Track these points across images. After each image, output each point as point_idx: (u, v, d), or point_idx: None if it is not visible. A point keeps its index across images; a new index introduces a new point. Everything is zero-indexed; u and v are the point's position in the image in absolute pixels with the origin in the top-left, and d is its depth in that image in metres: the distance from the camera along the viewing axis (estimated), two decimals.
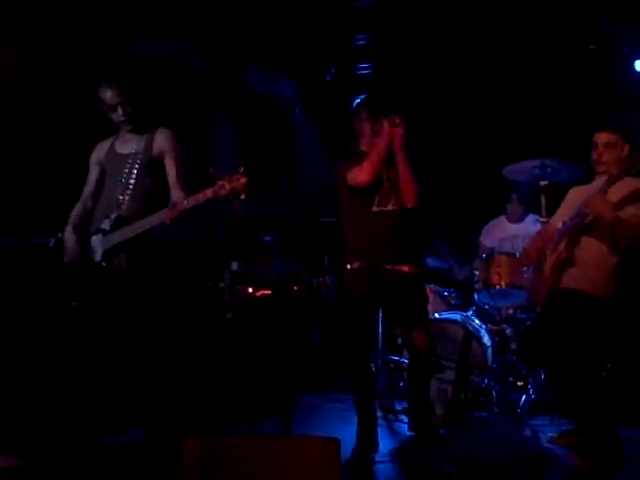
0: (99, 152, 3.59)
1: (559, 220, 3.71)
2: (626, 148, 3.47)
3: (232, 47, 5.61)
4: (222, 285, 4.92)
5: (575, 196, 3.65)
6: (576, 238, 3.40)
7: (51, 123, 4.40)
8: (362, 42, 5.85)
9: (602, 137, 3.47)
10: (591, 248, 3.40)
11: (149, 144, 3.42)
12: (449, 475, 3.25)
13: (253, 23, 5.24)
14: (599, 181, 3.48)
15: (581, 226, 3.38)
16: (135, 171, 3.37)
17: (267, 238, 5.45)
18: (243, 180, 3.01)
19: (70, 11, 4.51)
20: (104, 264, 3.29)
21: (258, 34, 5.40)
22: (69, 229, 3.48)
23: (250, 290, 4.98)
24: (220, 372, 4.28)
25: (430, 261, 5.41)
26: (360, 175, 3.59)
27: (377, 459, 3.53)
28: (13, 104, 4.22)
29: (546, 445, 3.74)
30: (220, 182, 3.03)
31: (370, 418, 3.60)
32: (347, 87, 6.50)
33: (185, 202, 3.17)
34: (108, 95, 3.40)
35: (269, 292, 5.03)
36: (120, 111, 3.41)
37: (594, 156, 3.50)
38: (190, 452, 1.80)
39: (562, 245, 3.42)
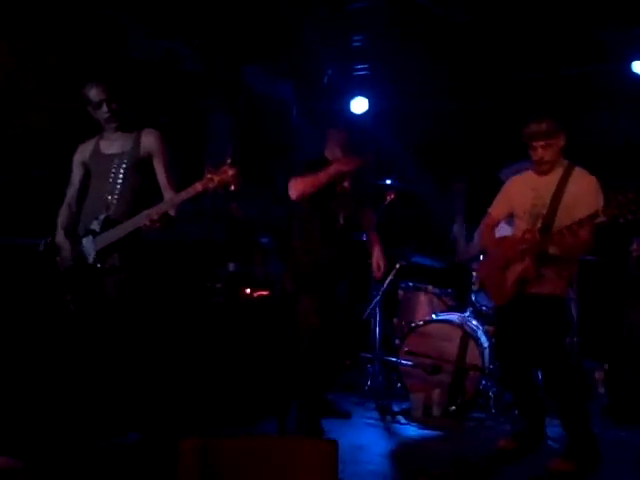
0: (83, 153, 3.53)
1: (500, 214, 3.79)
2: (562, 138, 3.47)
3: (230, 48, 5.61)
4: (219, 286, 4.91)
5: (514, 189, 3.71)
6: (540, 255, 3.42)
7: (48, 124, 4.39)
8: (359, 43, 5.85)
9: (541, 143, 3.45)
10: (556, 261, 3.45)
11: (136, 144, 3.38)
12: (446, 475, 3.25)
13: (250, 24, 5.24)
14: (545, 177, 3.53)
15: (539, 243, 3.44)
16: (122, 171, 3.33)
17: (264, 239, 5.45)
18: (231, 171, 2.97)
19: (68, 12, 4.50)
20: (98, 265, 3.27)
21: (255, 35, 5.40)
22: (61, 234, 3.44)
23: (247, 291, 4.97)
24: (216, 373, 4.27)
25: (426, 261, 5.41)
26: (292, 192, 3.90)
27: (374, 459, 3.54)
28: (10, 104, 4.21)
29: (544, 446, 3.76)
30: (209, 175, 3.01)
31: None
32: (344, 88, 6.51)
33: (174, 199, 3.16)
34: (93, 92, 3.37)
35: (266, 293, 5.03)
36: (105, 108, 3.37)
37: (535, 158, 3.51)
38: (187, 453, 1.80)
39: (528, 261, 3.44)
